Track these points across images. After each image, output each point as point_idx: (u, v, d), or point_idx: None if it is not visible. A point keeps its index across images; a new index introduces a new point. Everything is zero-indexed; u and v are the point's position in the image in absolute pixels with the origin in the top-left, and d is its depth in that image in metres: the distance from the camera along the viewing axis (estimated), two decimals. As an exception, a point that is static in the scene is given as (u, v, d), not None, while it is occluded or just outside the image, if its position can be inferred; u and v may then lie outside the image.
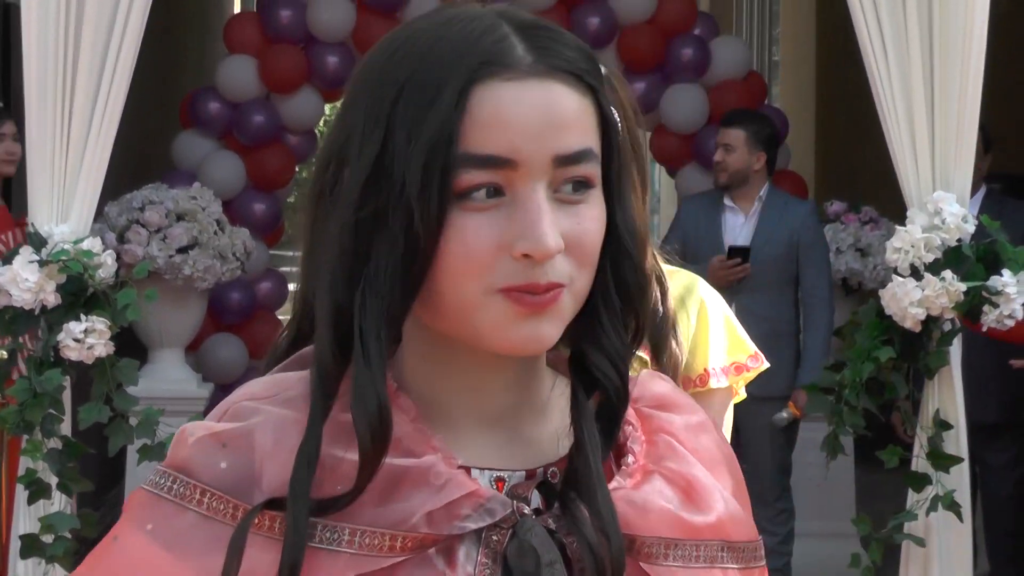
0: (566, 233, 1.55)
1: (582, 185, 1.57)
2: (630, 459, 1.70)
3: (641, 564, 1.65)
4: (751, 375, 3.28)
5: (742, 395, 3.73)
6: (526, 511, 1.64)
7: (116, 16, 5.61)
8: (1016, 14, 9.22)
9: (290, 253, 23.80)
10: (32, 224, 5.68)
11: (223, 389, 8.88)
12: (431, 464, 1.62)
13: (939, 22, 5.79)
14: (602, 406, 1.66)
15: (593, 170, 1.58)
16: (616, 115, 1.64)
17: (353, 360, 1.60)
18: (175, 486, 1.63)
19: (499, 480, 1.67)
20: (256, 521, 1.58)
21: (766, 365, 3.28)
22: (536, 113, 1.54)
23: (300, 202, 24.37)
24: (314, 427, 1.60)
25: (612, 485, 1.66)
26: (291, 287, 11.45)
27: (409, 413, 1.64)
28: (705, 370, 3.19)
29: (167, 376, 8.61)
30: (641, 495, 1.67)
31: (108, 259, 5.71)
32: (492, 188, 1.53)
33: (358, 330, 1.58)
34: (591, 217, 1.59)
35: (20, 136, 5.83)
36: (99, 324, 5.61)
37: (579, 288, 1.59)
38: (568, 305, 1.58)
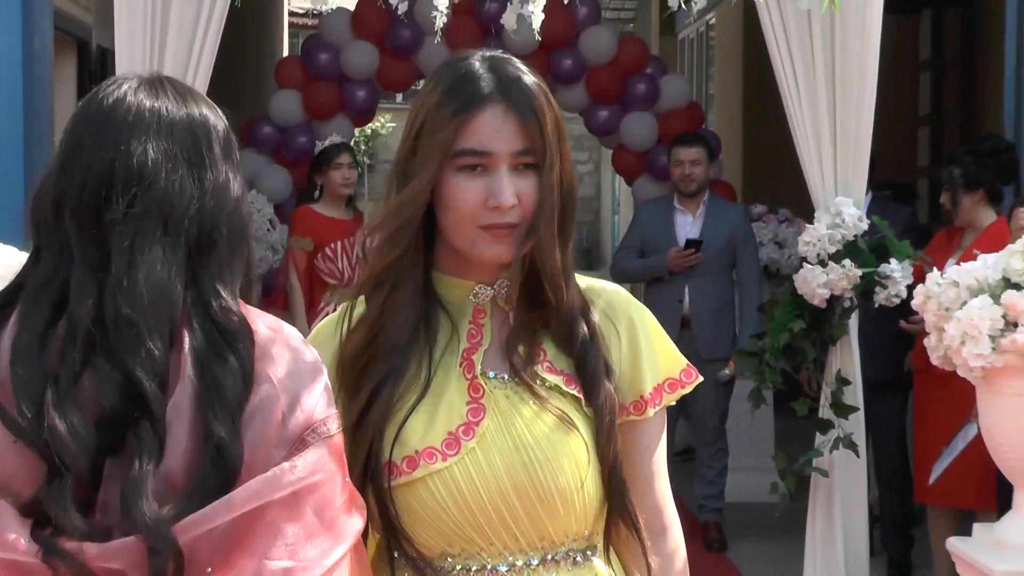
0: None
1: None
2: None
3: None
4: (685, 391, 2.32)
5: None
6: None
7: (190, 59, 5.60)
8: (896, 63, 9.25)
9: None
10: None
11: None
12: None
13: (840, 66, 5.80)
14: None
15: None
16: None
17: None
18: None
19: None
20: None
21: (699, 379, 2.36)
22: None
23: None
24: None
25: None
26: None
27: None
28: (641, 396, 2.25)
29: (230, 344, 8.60)
30: None
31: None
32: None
33: None
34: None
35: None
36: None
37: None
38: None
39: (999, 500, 5.72)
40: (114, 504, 1.91)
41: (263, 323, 2.02)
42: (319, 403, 1.93)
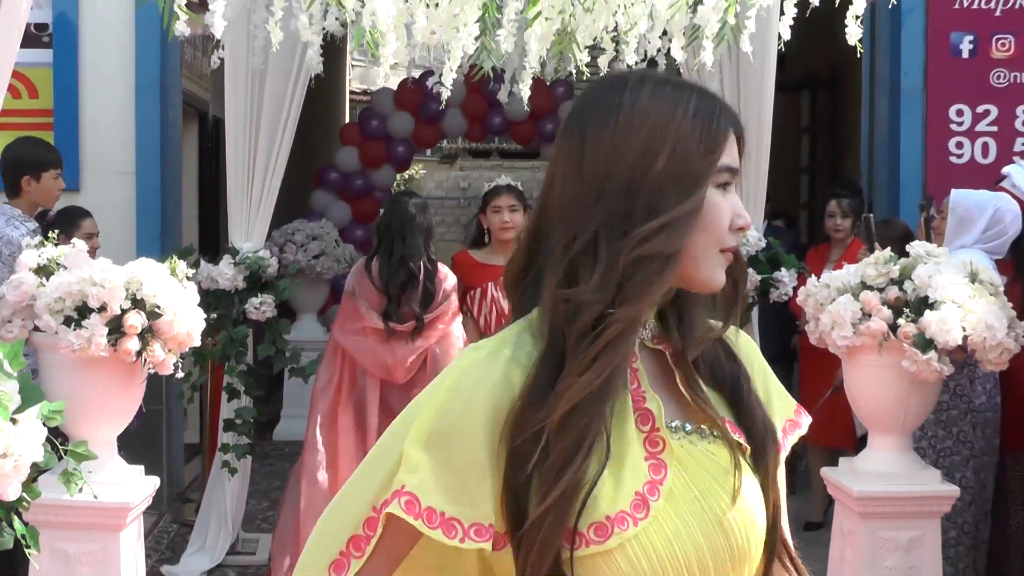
0: None
1: None
2: None
3: None
4: (801, 432, 1.56)
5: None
6: None
7: (278, 125, 5.61)
8: (784, 128, 9.26)
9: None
10: (231, 243, 5.68)
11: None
12: None
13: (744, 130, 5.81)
14: None
15: None
16: None
17: None
18: None
19: None
20: None
21: (809, 419, 1.57)
22: None
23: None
24: None
25: None
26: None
27: None
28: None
29: (306, 329, 8.61)
30: None
31: (273, 262, 5.71)
32: None
33: None
34: None
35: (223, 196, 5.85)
36: (268, 299, 5.61)
37: None
38: None
39: (859, 441, 5.73)
40: (406, 311, 4.89)
41: (440, 264, 4.93)
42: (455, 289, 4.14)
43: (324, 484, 4.94)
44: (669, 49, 4.00)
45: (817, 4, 3.88)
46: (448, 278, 5.04)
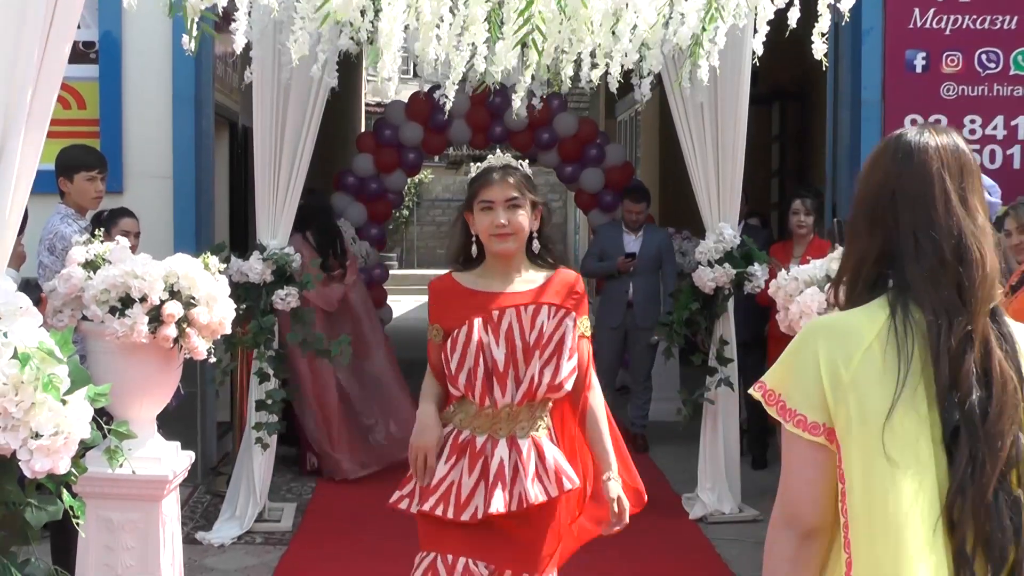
0: None
1: None
2: None
3: None
4: None
5: None
6: None
7: (301, 133, 5.61)
8: (757, 137, 9.23)
9: (391, 255, 23.58)
10: (260, 240, 5.67)
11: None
12: None
13: (721, 139, 5.82)
14: None
15: None
16: None
17: None
18: None
19: None
20: None
21: None
22: None
23: (398, 230, 24.36)
24: None
25: None
26: (391, 272, 11.36)
27: None
28: None
29: (327, 318, 8.59)
30: None
31: (297, 257, 5.71)
32: None
33: None
34: None
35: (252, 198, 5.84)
36: (293, 291, 5.60)
37: None
38: None
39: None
40: (332, 263, 6.84)
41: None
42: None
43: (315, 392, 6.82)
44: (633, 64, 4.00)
45: (795, 26, 3.87)
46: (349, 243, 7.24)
